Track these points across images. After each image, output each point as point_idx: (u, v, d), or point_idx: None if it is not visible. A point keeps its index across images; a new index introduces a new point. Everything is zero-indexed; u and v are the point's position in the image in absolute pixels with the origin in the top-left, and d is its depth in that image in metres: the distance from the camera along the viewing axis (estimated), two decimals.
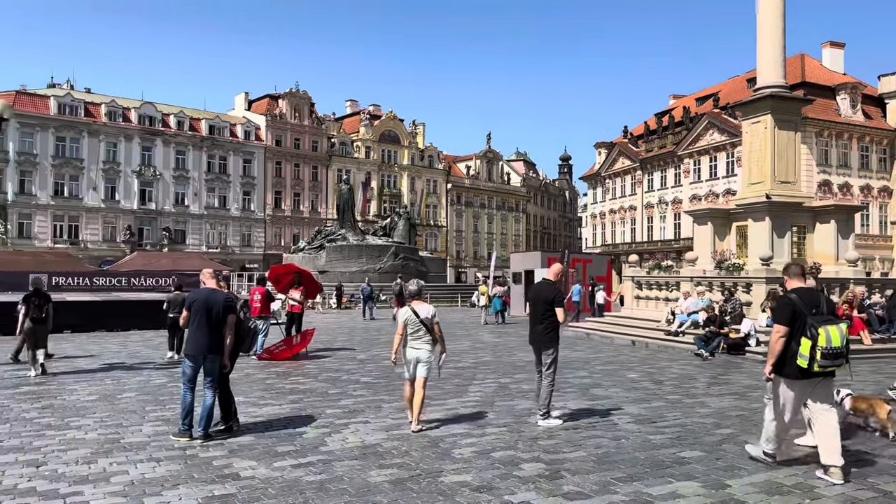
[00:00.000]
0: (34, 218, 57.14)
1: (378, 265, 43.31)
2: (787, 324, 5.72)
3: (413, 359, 7.40)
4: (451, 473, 5.72)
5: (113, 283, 27.00)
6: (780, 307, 5.96)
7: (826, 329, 5.51)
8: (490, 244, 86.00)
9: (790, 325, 5.70)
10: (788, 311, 5.77)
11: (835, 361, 5.58)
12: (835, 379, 5.93)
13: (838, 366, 5.67)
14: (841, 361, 5.63)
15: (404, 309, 7.65)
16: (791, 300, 5.82)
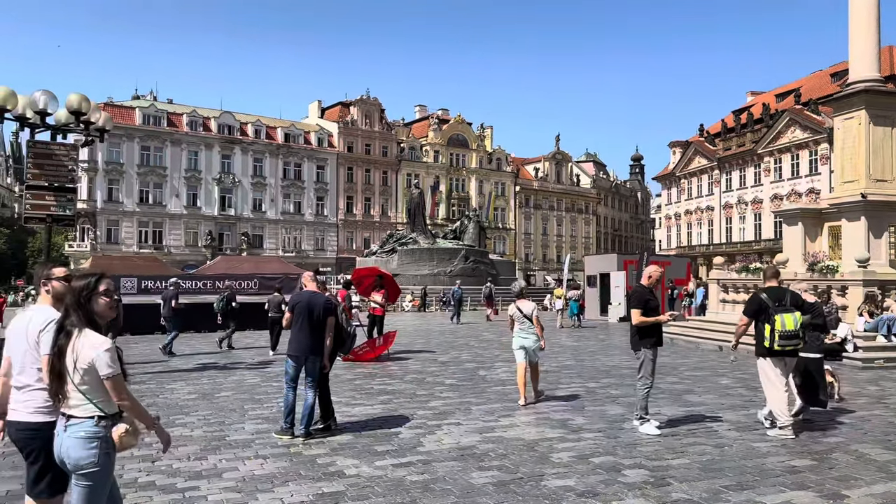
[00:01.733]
0: (121, 224, 60.16)
1: (449, 268, 43.48)
2: (750, 316, 7.23)
3: (522, 347, 9.17)
4: (552, 477, 5.68)
5: (199, 286, 28.02)
6: (749, 302, 7.35)
7: (781, 316, 6.93)
8: (559, 247, 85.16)
9: (753, 316, 7.17)
10: (755, 305, 7.19)
11: (790, 342, 6.96)
12: None
13: (795, 345, 7.00)
14: (797, 342, 6.99)
15: (512, 306, 9.38)
16: (759, 297, 7.22)
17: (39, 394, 3.46)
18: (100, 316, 3.35)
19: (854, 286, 15.25)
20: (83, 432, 3.20)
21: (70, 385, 3.21)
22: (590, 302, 28.26)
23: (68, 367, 3.20)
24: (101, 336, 3.27)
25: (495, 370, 12.56)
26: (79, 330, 3.25)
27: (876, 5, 17.35)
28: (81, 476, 3.20)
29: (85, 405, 3.22)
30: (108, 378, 3.19)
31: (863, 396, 9.80)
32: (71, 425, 3.22)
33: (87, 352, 3.19)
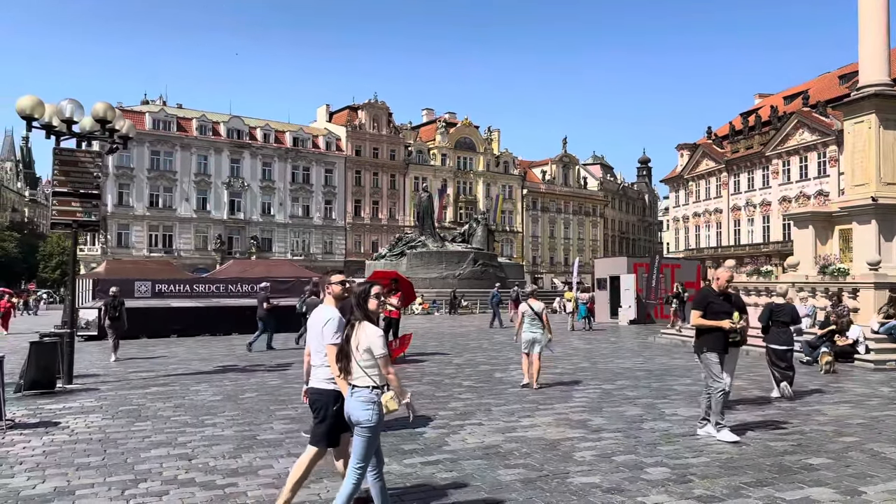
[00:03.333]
0: (131, 228, 60.61)
1: (458, 271, 43.66)
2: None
3: (530, 340, 10.71)
4: (577, 475, 5.87)
5: (211, 290, 28.29)
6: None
7: None
8: (566, 249, 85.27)
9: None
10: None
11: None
12: None
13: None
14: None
15: (523, 305, 11.01)
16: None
17: (323, 370, 4.72)
18: (373, 312, 4.54)
19: (865, 289, 15.37)
20: (363, 397, 4.32)
21: (354, 362, 4.36)
22: (600, 305, 28.40)
23: (353, 349, 4.36)
24: (375, 327, 4.42)
25: (510, 372, 12.76)
26: (359, 322, 4.42)
27: (886, 9, 17.50)
28: (361, 429, 4.32)
29: (363, 377, 4.33)
30: (380, 357, 4.31)
31: (876, 397, 9.95)
32: (355, 392, 4.35)
33: (365, 338, 4.33)
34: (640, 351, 16.92)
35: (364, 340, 4.33)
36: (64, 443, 7.20)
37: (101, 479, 5.85)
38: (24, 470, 6.15)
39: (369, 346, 4.31)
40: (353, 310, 4.46)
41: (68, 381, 11.10)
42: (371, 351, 4.31)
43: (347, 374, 4.39)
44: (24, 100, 10.75)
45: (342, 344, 4.45)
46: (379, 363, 4.31)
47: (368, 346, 4.31)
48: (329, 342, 4.62)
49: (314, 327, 4.83)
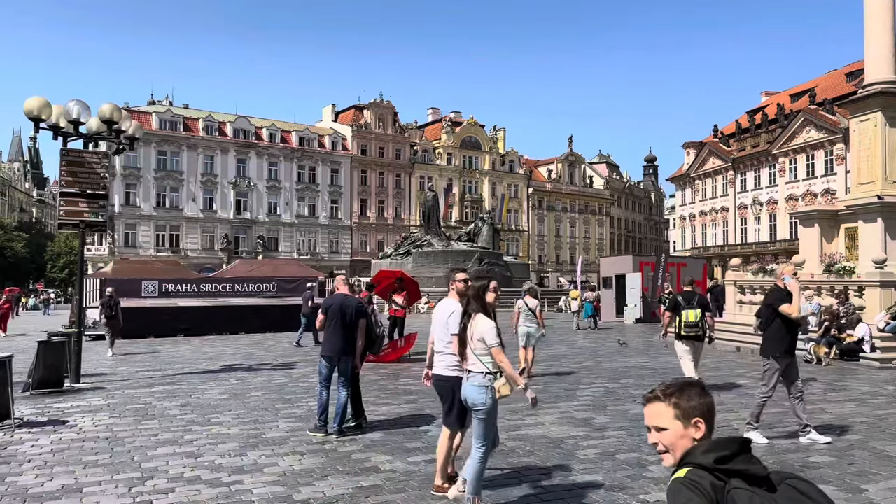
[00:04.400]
0: (138, 228, 60.84)
1: None
2: (670, 309, 9.89)
3: (525, 333, 11.54)
4: (580, 473, 5.91)
5: (218, 289, 28.42)
6: (670, 301, 10.24)
7: (686, 311, 9.57)
8: (573, 248, 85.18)
9: (673, 310, 9.77)
10: (673, 303, 9.87)
11: (692, 330, 9.55)
12: None
13: (696, 333, 9.55)
14: (696, 330, 9.54)
15: (520, 301, 11.85)
16: (677, 298, 9.91)
17: (448, 357, 5.22)
18: (490, 305, 5.02)
19: (871, 287, 15.33)
20: (477, 382, 4.79)
21: (469, 350, 4.83)
22: (606, 304, 28.38)
23: (469, 338, 4.83)
24: (489, 319, 4.86)
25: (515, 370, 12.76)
26: (475, 314, 4.87)
27: (891, 7, 17.41)
28: (477, 412, 4.81)
29: (477, 364, 4.80)
30: (493, 346, 4.76)
31: (880, 396, 9.94)
32: (470, 377, 4.84)
33: (480, 328, 4.79)
34: (644, 350, 16.92)
35: (478, 330, 4.79)
36: (72, 441, 7.28)
37: (109, 476, 5.92)
38: (32, 468, 6.22)
39: (483, 336, 4.76)
40: (471, 302, 4.94)
41: (76, 381, 11.19)
42: (484, 340, 4.76)
43: (464, 361, 4.90)
44: (31, 101, 10.83)
45: (461, 333, 4.93)
46: (492, 352, 4.76)
47: (482, 336, 4.76)
48: (454, 331, 5.07)
49: (439, 319, 5.35)
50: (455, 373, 5.13)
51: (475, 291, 4.99)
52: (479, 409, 4.78)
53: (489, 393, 4.76)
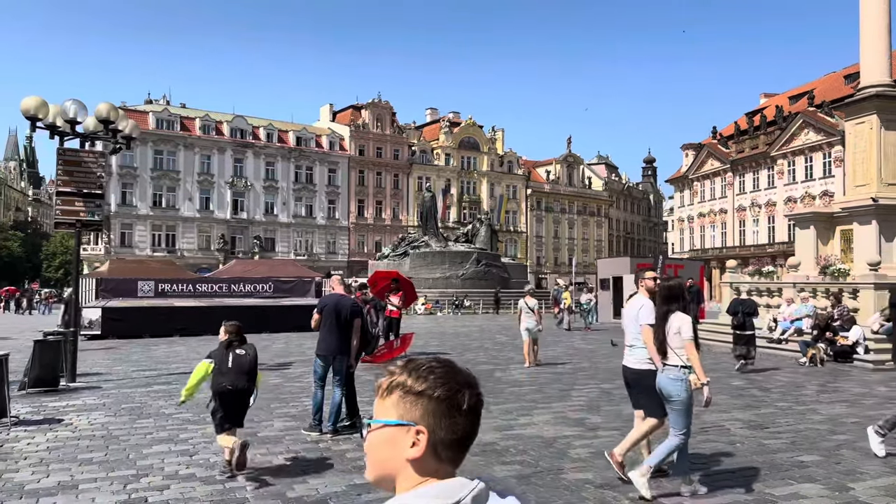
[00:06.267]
0: (135, 228, 60.72)
1: (461, 271, 43.71)
2: None
3: (526, 328, 13.49)
4: (571, 471, 5.96)
5: (214, 290, 28.42)
6: None
7: None
8: (571, 250, 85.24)
9: None
10: None
11: None
12: None
13: None
14: None
15: (521, 301, 14.02)
16: None
17: (640, 351, 5.58)
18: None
19: (865, 289, 15.41)
20: (673, 375, 5.17)
21: (667, 345, 5.21)
22: (603, 305, 28.44)
23: (667, 333, 5.22)
24: (684, 315, 5.27)
25: (510, 372, 12.84)
26: (672, 311, 5.29)
27: (887, 11, 17.51)
28: (672, 403, 5.17)
29: (674, 357, 5.18)
30: (686, 340, 5.14)
31: (872, 397, 10.01)
32: (666, 370, 5.21)
33: (677, 323, 5.20)
34: None
35: (675, 326, 5.20)
36: (67, 439, 7.31)
37: (104, 473, 5.96)
38: (28, 465, 6.26)
39: (679, 331, 5.17)
40: (669, 301, 5.34)
41: (72, 380, 11.21)
42: (680, 334, 5.16)
43: (662, 355, 5.24)
44: (28, 100, 10.86)
45: (657, 328, 5.32)
46: (685, 346, 5.13)
47: (678, 331, 5.17)
48: (645, 322, 5.45)
49: (630, 314, 5.73)
50: (647, 366, 5.47)
51: (674, 291, 5.38)
52: (674, 401, 5.10)
53: (684, 385, 5.07)
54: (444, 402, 1.21)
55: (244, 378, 5.80)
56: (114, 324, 20.20)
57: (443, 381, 1.24)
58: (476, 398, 1.25)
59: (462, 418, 1.22)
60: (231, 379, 5.75)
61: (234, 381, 5.76)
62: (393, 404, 1.24)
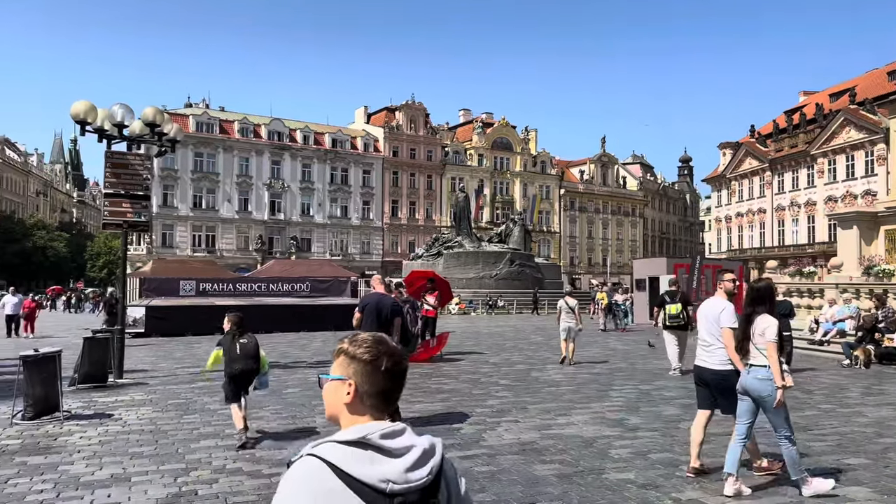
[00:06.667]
0: (175, 228, 62.00)
1: (494, 272, 43.67)
2: (658, 305, 12.96)
3: (566, 328, 13.90)
4: (612, 471, 5.96)
5: (253, 289, 28.91)
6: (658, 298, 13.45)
7: (668, 306, 12.35)
8: (605, 250, 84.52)
9: (660, 305, 12.72)
10: (660, 300, 12.98)
11: (674, 321, 12.26)
12: None
13: (677, 323, 12.27)
14: (678, 321, 12.24)
15: (561, 301, 14.20)
16: (663, 295, 12.90)
17: (719, 352, 5.63)
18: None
19: None
20: (760, 375, 5.26)
21: (751, 345, 5.29)
22: (639, 306, 28.15)
23: (752, 334, 5.29)
24: (771, 317, 5.34)
25: (547, 372, 12.83)
26: (759, 313, 5.37)
27: None
28: (765, 402, 5.25)
29: (759, 357, 5.27)
30: (769, 341, 5.22)
31: None
32: (752, 371, 5.30)
33: (762, 325, 5.29)
34: None
35: (760, 327, 5.28)
36: (118, 433, 7.55)
37: (154, 467, 6.15)
38: (82, 458, 6.49)
39: (763, 332, 5.25)
40: (756, 302, 5.42)
41: (119, 376, 11.54)
42: (764, 336, 5.24)
43: (745, 355, 5.33)
44: (77, 105, 11.21)
45: (739, 330, 5.41)
46: (767, 347, 5.23)
47: (763, 333, 5.25)
48: (727, 325, 5.53)
49: (709, 315, 5.76)
50: (729, 367, 5.55)
51: (763, 292, 5.47)
52: (768, 400, 5.21)
53: (772, 384, 5.17)
54: (368, 364, 1.60)
55: (251, 361, 7.05)
56: (157, 322, 20.69)
57: (369, 349, 1.62)
58: (393, 363, 1.62)
59: (381, 377, 1.60)
60: (242, 364, 6.97)
61: (244, 365, 6.99)
62: (338, 364, 1.64)
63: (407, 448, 1.51)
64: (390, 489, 1.44)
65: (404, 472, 1.46)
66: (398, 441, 1.51)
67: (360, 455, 1.47)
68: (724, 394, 5.64)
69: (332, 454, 1.47)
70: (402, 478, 1.46)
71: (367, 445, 1.48)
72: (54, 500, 5.26)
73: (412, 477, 1.47)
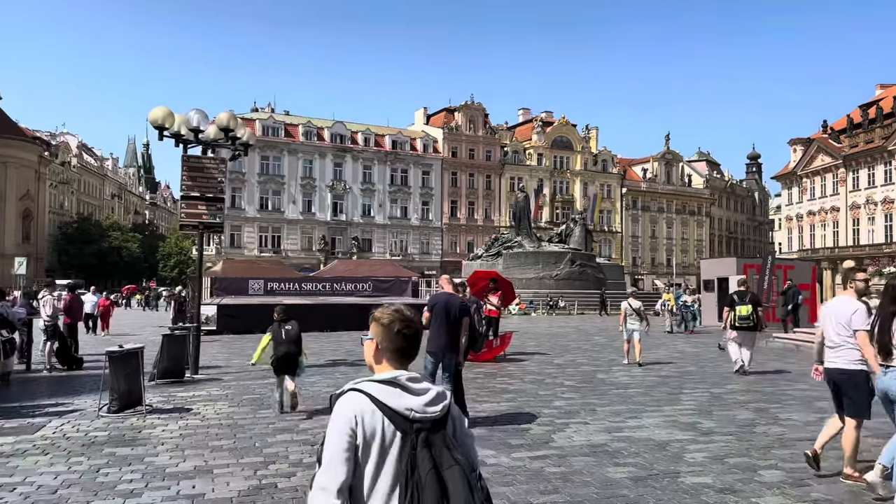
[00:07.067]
0: (243, 229, 63.85)
1: (555, 272, 43.30)
2: (728, 305, 12.57)
3: (631, 329, 13.88)
4: (688, 475, 5.85)
5: (318, 288, 29.46)
6: (727, 298, 13.12)
7: (738, 307, 12.21)
8: (669, 250, 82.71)
9: (730, 306, 12.44)
10: (729, 300, 12.65)
11: (744, 322, 12.15)
12: None
13: (747, 325, 12.19)
14: (748, 322, 12.14)
15: (625, 303, 14.40)
16: (732, 296, 12.63)
17: (849, 352, 5.51)
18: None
19: None
20: None
21: (892, 346, 5.13)
22: (707, 307, 27.43)
23: (893, 333, 5.13)
24: None
25: (613, 373, 12.66)
26: None
27: None
28: None
29: None
30: None
31: None
32: (889, 371, 5.13)
33: None
34: None
35: None
36: (197, 427, 7.84)
37: (234, 460, 6.37)
38: (166, 450, 6.77)
39: None
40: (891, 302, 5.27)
41: (195, 372, 11.98)
42: None
43: (888, 356, 5.15)
44: (156, 111, 11.69)
45: (885, 327, 5.23)
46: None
47: None
48: (860, 328, 5.37)
49: (838, 315, 5.59)
50: (860, 367, 5.41)
51: None
52: None
53: None
54: (385, 326, 2.11)
55: (294, 346, 8.66)
56: (228, 320, 21.37)
57: (388, 316, 2.13)
58: (404, 326, 2.11)
59: (395, 336, 2.10)
60: (286, 347, 8.60)
61: (288, 349, 8.61)
62: (371, 328, 2.16)
63: (425, 390, 2.01)
64: (412, 416, 1.94)
65: (423, 406, 1.97)
66: (420, 385, 2.01)
67: (390, 390, 1.98)
68: (848, 394, 5.54)
69: (369, 388, 1.99)
70: (421, 409, 1.96)
71: (396, 384, 1.99)
72: (143, 489, 5.50)
73: (429, 410, 1.97)
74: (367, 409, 1.93)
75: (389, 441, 1.93)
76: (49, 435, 7.40)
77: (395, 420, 1.93)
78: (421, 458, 1.91)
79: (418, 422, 1.93)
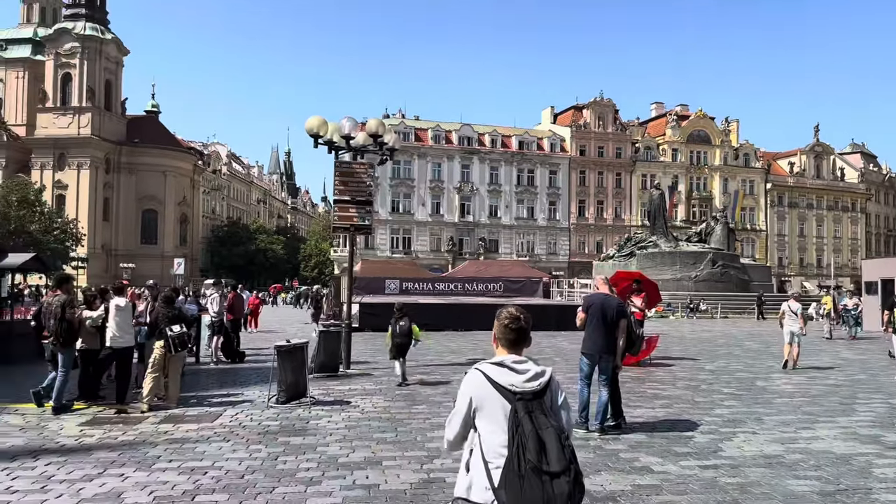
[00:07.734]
0: (376, 232, 66.05)
1: (693, 273, 41.32)
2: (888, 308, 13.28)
3: (790, 332, 13.39)
4: (882, 492, 5.39)
5: (450, 288, 29.89)
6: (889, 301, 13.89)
7: None
8: (819, 249, 76.82)
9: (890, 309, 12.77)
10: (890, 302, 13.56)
11: None
12: None
13: None
14: None
15: (784, 305, 14.04)
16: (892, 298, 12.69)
17: None
18: None
19: None
20: None
21: None
22: (869, 312, 25.16)
23: None
24: None
25: (773, 381, 11.89)
26: None
27: None
28: None
29: None
30: None
31: None
32: None
33: None
34: None
35: None
36: (359, 420, 8.19)
37: (400, 453, 6.59)
38: (335, 440, 7.12)
39: None
40: None
41: (347, 366, 12.54)
42: None
43: None
44: (311, 120, 12.37)
45: None
46: None
47: None
48: None
49: None
50: None
51: None
52: None
53: None
54: (498, 321, 2.82)
55: (406, 337, 10.81)
56: (369, 317, 22.17)
57: (504, 315, 2.82)
58: (510, 321, 2.80)
59: (505, 330, 2.80)
60: (400, 339, 10.77)
61: (402, 339, 10.78)
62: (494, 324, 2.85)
63: (527, 370, 2.65)
64: (514, 389, 2.58)
65: (524, 382, 2.60)
66: (522, 366, 2.66)
67: (500, 370, 2.65)
68: None
69: (486, 368, 2.67)
70: (521, 385, 2.59)
71: (503, 366, 2.67)
72: (321, 477, 5.82)
73: (527, 385, 2.60)
74: (481, 383, 2.63)
75: (500, 407, 2.57)
76: (227, 423, 7.99)
77: (503, 392, 2.58)
78: (524, 420, 2.50)
79: (519, 394, 2.56)
